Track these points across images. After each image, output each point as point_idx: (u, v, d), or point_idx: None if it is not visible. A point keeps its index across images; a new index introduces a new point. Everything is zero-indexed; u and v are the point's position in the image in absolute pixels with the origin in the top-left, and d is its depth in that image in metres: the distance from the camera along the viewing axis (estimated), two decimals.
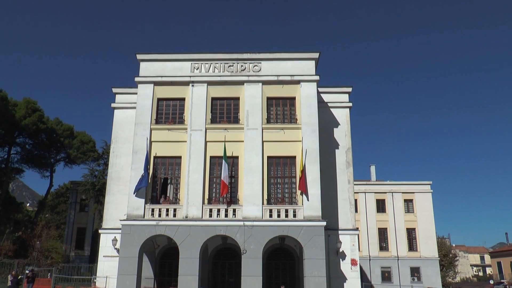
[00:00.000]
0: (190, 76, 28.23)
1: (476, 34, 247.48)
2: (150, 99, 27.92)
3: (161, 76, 28.27)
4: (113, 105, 31.34)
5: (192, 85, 28.15)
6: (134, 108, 28.45)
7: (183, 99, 28.18)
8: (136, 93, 28.55)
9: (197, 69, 28.47)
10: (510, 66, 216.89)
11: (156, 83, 28.22)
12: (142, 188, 25.89)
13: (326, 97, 30.51)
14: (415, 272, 53.34)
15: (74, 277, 31.71)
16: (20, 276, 26.82)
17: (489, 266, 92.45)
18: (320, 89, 29.77)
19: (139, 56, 28.70)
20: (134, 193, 25.96)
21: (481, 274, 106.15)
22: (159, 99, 28.21)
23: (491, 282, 70.26)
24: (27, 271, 29.90)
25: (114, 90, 31.58)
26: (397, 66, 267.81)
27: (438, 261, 55.15)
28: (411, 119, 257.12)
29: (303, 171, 25.62)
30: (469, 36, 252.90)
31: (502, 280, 67.38)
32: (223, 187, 25.60)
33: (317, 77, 27.96)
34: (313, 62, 28.34)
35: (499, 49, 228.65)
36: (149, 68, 28.58)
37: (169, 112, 28.19)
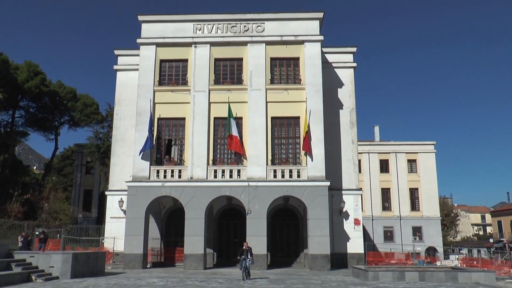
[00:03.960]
0: (192, 37, 27.89)
1: None
2: (153, 60, 27.69)
3: (163, 38, 27.93)
4: (115, 67, 31.22)
5: (195, 46, 27.84)
6: (137, 70, 28.27)
7: (186, 60, 27.95)
8: (138, 55, 28.31)
9: (199, 30, 28.08)
10: None
11: (158, 45, 27.92)
12: (147, 150, 26.07)
13: (330, 57, 30.18)
14: (417, 231, 54.04)
15: (83, 238, 32.40)
16: (30, 237, 27.31)
17: (490, 225, 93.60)
18: (324, 49, 29.38)
19: (140, 18, 28.27)
20: (139, 155, 26.17)
21: (481, 233, 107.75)
22: (161, 61, 28.00)
23: (491, 240, 71.39)
24: (37, 232, 30.46)
25: (116, 52, 31.38)
26: (401, 26, 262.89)
27: (440, 220, 55.87)
28: (415, 79, 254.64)
29: (307, 132, 25.66)
30: None
31: (501, 239, 68.32)
32: (237, 146, 25.72)
33: (321, 37, 27.58)
34: (317, 22, 27.88)
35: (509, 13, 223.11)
36: (151, 29, 28.20)
37: (172, 74, 28.03)
